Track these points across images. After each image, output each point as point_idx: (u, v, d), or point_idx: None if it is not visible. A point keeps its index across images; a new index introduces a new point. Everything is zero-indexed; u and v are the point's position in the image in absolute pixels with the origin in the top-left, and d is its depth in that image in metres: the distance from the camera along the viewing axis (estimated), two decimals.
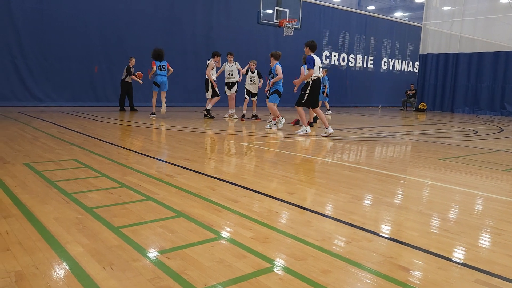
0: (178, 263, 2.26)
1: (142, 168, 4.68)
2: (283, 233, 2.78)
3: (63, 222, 2.82)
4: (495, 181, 4.72)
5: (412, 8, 29.33)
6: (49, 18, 13.17)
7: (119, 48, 14.52)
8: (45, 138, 6.70)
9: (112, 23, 14.30)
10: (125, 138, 7.50)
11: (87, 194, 3.51)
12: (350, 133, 9.27)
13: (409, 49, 25.27)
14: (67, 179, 4.00)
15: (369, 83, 23.28)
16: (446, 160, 6.02)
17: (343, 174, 4.85)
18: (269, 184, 4.21)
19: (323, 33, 20.75)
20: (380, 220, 3.20)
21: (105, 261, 2.24)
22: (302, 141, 7.79)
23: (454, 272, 2.28)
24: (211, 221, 2.95)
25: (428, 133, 10.11)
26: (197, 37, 16.32)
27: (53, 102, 13.50)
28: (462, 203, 3.81)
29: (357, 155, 6.62)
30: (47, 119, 9.54)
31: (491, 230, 3.03)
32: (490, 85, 18.43)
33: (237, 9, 17.17)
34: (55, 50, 13.37)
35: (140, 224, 2.85)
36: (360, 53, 22.77)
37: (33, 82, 13.22)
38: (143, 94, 14.70)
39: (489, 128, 11.66)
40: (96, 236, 2.59)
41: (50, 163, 4.73)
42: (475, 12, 19.00)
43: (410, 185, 4.53)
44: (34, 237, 2.55)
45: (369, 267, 2.30)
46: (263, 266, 2.26)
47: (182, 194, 3.66)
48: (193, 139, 7.30)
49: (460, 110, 19.29)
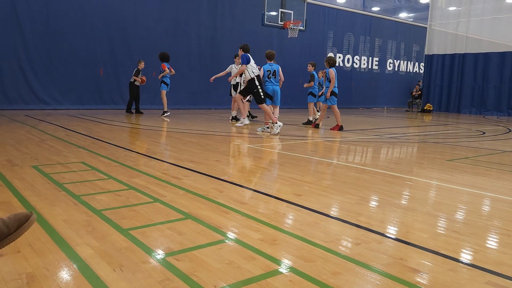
0: (187, 264, 2.26)
1: (149, 170, 4.70)
2: (291, 235, 2.78)
3: (72, 224, 2.83)
4: (503, 182, 4.69)
5: (417, 8, 29.24)
6: (55, 21, 13.26)
7: (125, 51, 14.60)
8: (52, 140, 6.75)
9: (118, 25, 14.37)
10: (131, 140, 7.53)
11: (95, 196, 3.53)
12: (356, 135, 9.25)
13: (415, 50, 25.17)
14: (75, 182, 4.02)
15: (375, 84, 23.22)
16: (454, 161, 5.99)
17: (350, 175, 4.84)
18: (276, 186, 4.20)
19: (328, 35, 20.74)
20: (388, 221, 3.19)
21: (115, 263, 2.25)
22: (308, 142, 7.78)
23: (464, 273, 2.27)
24: (219, 223, 2.96)
25: (435, 134, 10.06)
26: (202, 39, 16.36)
27: (59, 105, 13.58)
28: (470, 204, 3.79)
29: (364, 156, 6.60)
30: (54, 122, 9.60)
31: (500, 231, 3.01)
32: (497, 85, 18.31)
33: (242, 11, 17.20)
34: (61, 53, 13.45)
35: (148, 226, 2.85)
36: (365, 54, 22.72)
37: (39, 85, 13.31)
38: (148, 97, 14.75)
39: (497, 129, 11.59)
40: (105, 238, 2.60)
41: (57, 166, 4.76)
42: (481, 12, 18.89)
43: (418, 186, 4.51)
44: (44, 239, 2.57)
45: (379, 268, 2.29)
46: (272, 268, 2.25)
47: (189, 196, 3.67)
48: (198, 141, 7.32)
49: (467, 111, 19.18)
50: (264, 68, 9.59)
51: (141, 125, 9.92)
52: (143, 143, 7.11)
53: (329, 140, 8.11)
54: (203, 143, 7.18)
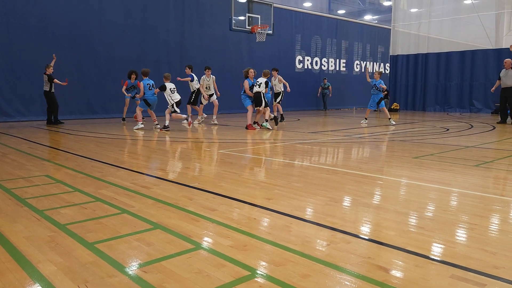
0: (156, 276, 2.21)
1: (117, 180, 4.59)
2: (262, 240, 2.77)
3: (34, 241, 2.72)
4: (467, 177, 4.84)
5: (381, 11, 29.98)
6: (16, 31, 12.83)
7: (91, 60, 14.27)
8: (14, 154, 6.50)
9: (83, 34, 14.03)
10: (99, 150, 7.35)
11: (59, 211, 3.41)
12: (325, 136, 9.37)
13: (380, 51, 25.79)
14: (38, 196, 3.88)
15: (343, 85, 23.62)
16: (420, 158, 6.15)
17: (320, 177, 4.88)
18: (247, 191, 4.19)
19: (295, 38, 20.96)
20: (358, 221, 3.23)
21: (79, 279, 2.17)
22: (279, 146, 7.82)
23: (431, 269, 2.32)
24: (188, 232, 2.91)
25: (402, 132, 10.31)
26: (170, 45, 16.21)
27: (23, 117, 13.12)
28: (437, 200, 3.89)
29: (334, 157, 6.68)
30: (17, 135, 9.26)
31: (465, 225, 3.10)
32: (459, 83, 18.98)
33: (209, 16, 17.16)
34: (23, 63, 13.01)
35: (115, 238, 2.78)
36: (333, 57, 23.09)
37: (1, 97, 12.82)
38: (117, 104, 14.45)
39: (460, 125, 12.00)
40: (70, 254, 2.51)
41: (20, 180, 4.58)
42: (440, 13, 19.57)
43: (386, 185, 4.60)
44: (3, 258, 2.46)
45: (348, 269, 2.31)
46: (242, 274, 2.23)
47: (159, 205, 3.60)
48: (168, 149, 7.22)
49: (432, 108, 19.77)
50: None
51: (110, 134, 9.70)
52: (111, 152, 6.94)
53: (300, 142, 8.17)
54: (172, 150, 7.09)
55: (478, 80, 18.35)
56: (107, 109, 14.75)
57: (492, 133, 9.98)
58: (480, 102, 18.33)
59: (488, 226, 3.09)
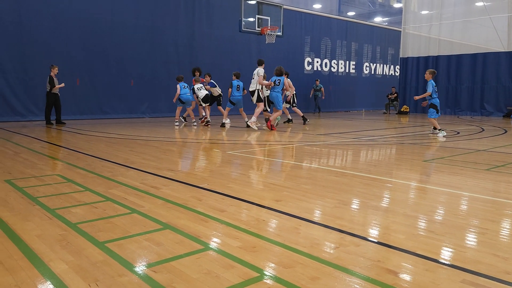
0: (165, 276, 2.23)
1: (127, 180, 4.62)
2: (271, 241, 2.77)
3: (46, 239, 2.76)
4: (478, 181, 4.79)
5: (391, 13, 29.84)
6: (29, 32, 12.99)
7: (101, 60, 14.40)
8: (26, 153, 6.58)
9: (95, 34, 14.17)
10: (109, 150, 7.41)
11: (70, 210, 3.45)
12: (334, 138, 9.34)
13: (390, 53, 25.65)
14: (50, 195, 3.93)
15: (352, 87, 23.52)
16: (430, 161, 6.10)
17: (329, 179, 4.87)
18: (256, 192, 4.20)
19: (305, 40, 20.93)
20: (367, 224, 3.22)
21: (90, 278, 2.20)
22: (287, 148, 7.81)
23: (441, 273, 2.30)
24: (197, 232, 2.93)
25: (412, 135, 10.24)
26: (180, 46, 16.29)
27: (35, 117, 13.27)
28: (447, 204, 3.86)
29: (343, 159, 6.66)
30: (29, 134, 9.37)
31: (475, 230, 3.07)
32: (470, 86, 18.80)
33: (219, 18, 17.21)
34: (35, 63, 13.17)
35: (125, 238, 2.80)
36: (342, 58, 23.01)
37: (14, 97, 12.99)
38: (126, 105, 14.57)
39: (470, 129, 11.88)
40: (81, 252, 2.54)
41: (32, 179, 4.64)
42: (452, 16, 19.42)
43: (395, 188, 4.58)
44: (16, 256, 2.49)
45: (357, 272, 2.30)
46: (251, 276, 2.24)
47: (168, 205, 3.62)
48: (178, 149, 7.26)
49: (442, 111, 19.49)
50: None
51: (120, 135, 9.78)
52: (121, 152, 7.00)
53: (309, 144, 8.15)
54: (182, 151, 7.13)
55: (490, 83, 18.16)
56: (117, 110, 14.87)
57: (503, 137, 9.87)
58: (492, 105, 18.13)
59: (499, 231, 3.06)
